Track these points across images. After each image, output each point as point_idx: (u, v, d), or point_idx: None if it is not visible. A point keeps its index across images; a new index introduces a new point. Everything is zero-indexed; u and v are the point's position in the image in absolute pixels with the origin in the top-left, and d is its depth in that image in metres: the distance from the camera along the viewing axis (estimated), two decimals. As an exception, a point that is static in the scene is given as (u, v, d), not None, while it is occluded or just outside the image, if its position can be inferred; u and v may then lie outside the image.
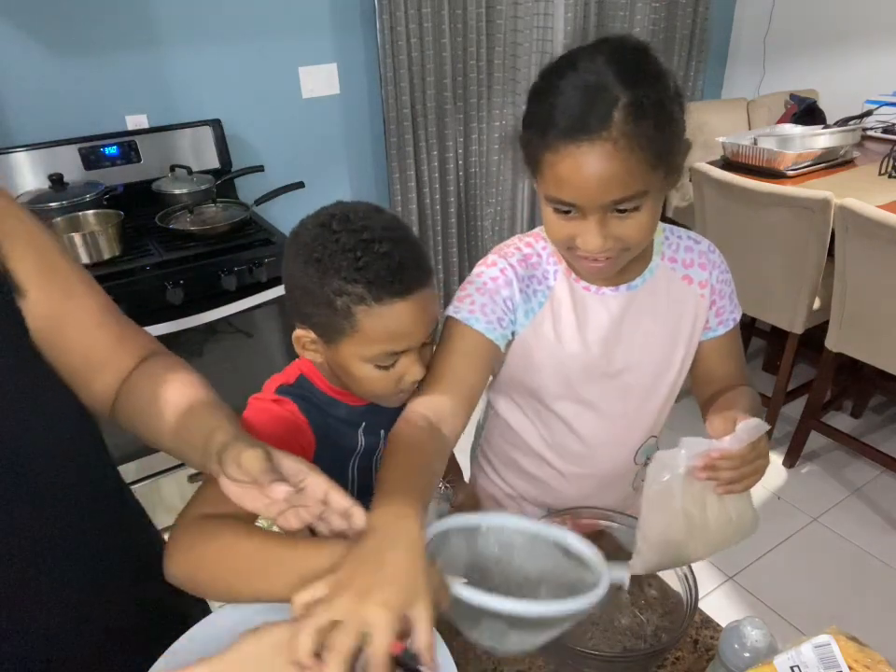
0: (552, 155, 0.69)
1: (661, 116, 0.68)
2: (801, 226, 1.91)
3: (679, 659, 0.77)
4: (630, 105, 0.66)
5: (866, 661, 0.57)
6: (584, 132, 0.66)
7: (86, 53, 1.94)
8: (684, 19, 2.91)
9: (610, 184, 0.68)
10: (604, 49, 0.69)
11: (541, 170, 0.72)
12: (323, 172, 2.48)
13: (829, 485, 2.19)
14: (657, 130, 0.67)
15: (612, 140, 0.66)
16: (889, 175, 2.21)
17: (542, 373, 0.88)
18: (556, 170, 0.69)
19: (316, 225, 0.72)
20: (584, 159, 0.67)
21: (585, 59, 0.69)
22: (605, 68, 0.67)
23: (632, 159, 0.67)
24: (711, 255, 0.89)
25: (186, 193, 1.97)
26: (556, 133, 0.68)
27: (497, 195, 2.81)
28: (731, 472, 0.68)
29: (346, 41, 2.35)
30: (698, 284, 0.88)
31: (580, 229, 0.72)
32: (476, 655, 0.77)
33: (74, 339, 0.64)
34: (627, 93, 0.66)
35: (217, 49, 2.12)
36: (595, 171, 0.67)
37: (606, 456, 0.95)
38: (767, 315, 2.19)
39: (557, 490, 0.98)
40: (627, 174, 0.67)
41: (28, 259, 0.59)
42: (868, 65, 2.81)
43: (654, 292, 0.86)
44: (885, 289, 1.81)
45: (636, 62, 0.69)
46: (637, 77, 0.67)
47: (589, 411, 0.90)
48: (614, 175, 0.67)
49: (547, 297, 0.85)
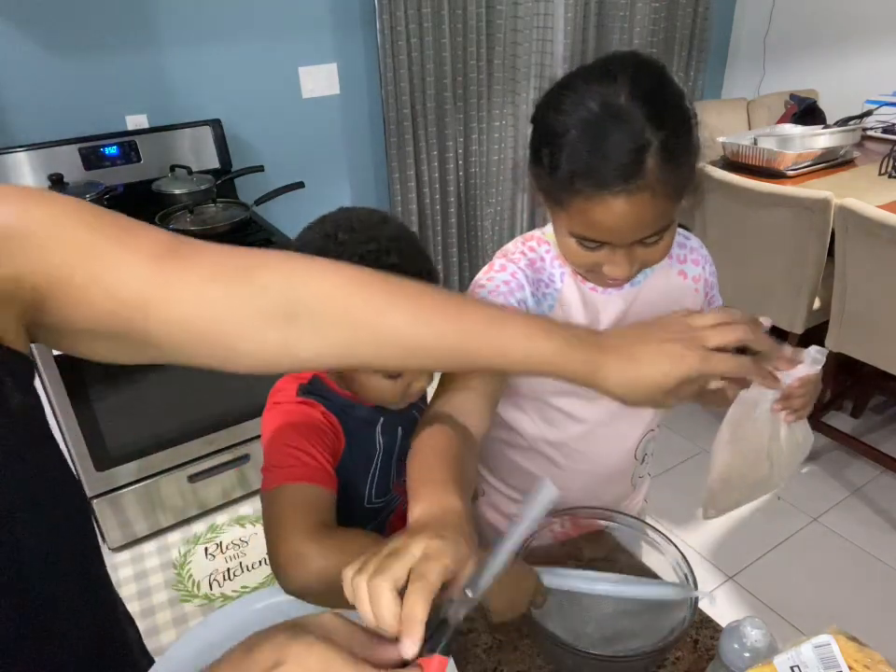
0: (581, 201, 0.68)
1: (687, 152, 0.69)
2: (801, 226, 1.91)
3: (679, 659, 0.77)
4: (661, 148, 0.65)
5: (866, 661, 0.57)
6: (618, 181, 0.65)
7: (86, 53, 1.94)
8: (684, 19, 2.91)
9: (643, 226, 0.69)
10: (624, 79, 0.66)
11: (567, 210, 0.71)
12: (323, 172, 2.48)
13: (829, 485, 2.19)
14: (684, 167, 0.68)
15: (649, 188, 0.66)
16: (889, 175, 2.21)
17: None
18: (588, 215, 0.69)
19: (321, 235, 0.72)
20: (618, 207, 0.67)
21: (604, 90, 0.66)
22: (630, 104, 0.65)
23: (664, 202, 0.68)
24: (701, 250, 0.92)
25: (186, 193, 1.97)
26: (586, 182, 0.67)
27: (496, 195, 2.81)
28: (802, 399, 0.70)
29: (346, 41, 2.35)
30: (692, 278, 0.90)
31: (606, 258, 0.73)
32: (476, 655, 0.77)
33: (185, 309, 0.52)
34: (658, 135, 0.65)
35: (217, 49, 2.13)
36: (629, 217, 0.67)
37: (606, 452, 0.95)
38: (767, 315, 2.18)
39: (557, 487, 0.98)
40: (659, 215, 0.69)
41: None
42: (868, 65, 2.81)
43: (654, 288, 0.87)
44: (885, 289, 1.81)
45: (660, 94, 0.67)
46: (663, 114, 0.66)
47: (591, 406, 0.90)
48: (648, 219, 0.69)
49: (556, 300, 0.85)
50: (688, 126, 0.69)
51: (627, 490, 1.01)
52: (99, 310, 0.49)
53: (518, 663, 0.76)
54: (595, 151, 0.66)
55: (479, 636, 0.79)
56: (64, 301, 0.48)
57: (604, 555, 0.83)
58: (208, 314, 0.51)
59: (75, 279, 0.48)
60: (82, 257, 0.48)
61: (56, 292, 0.48)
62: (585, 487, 0.97)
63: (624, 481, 1.00)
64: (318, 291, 0.53)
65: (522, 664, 0.76)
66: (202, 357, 0.53)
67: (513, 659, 0.77)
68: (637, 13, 2.76)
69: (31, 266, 0.47)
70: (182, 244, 0.52)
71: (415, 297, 0.55)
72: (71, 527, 0.55)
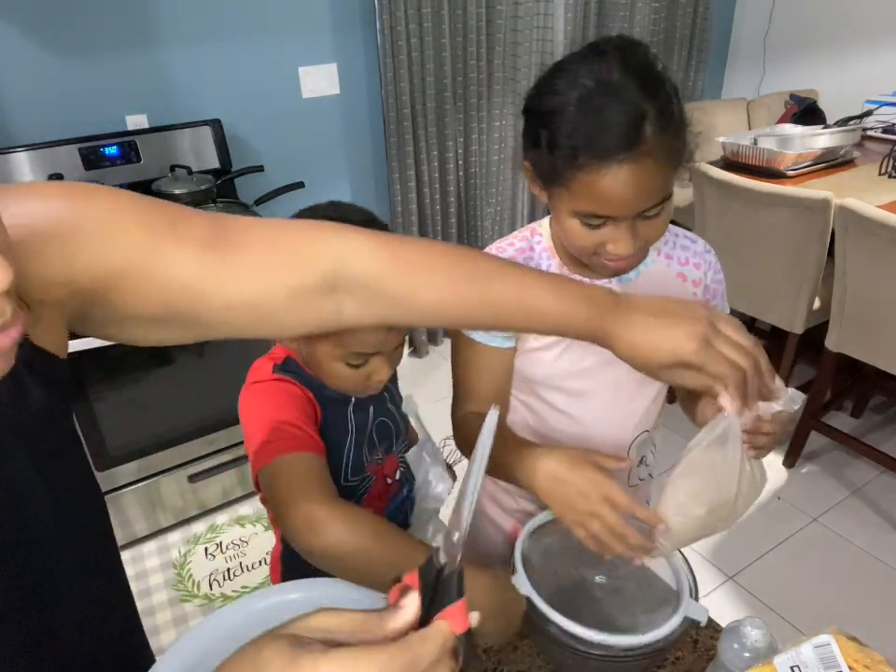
0: (586, 174, 0.69)
1: (679, 120, 0.71)
2: (801, 226, 1.91)
3: (680, 659, 0.77)
4: (657, 116, 0.67)
5: (866, 661, 0.57)
6: (624, 150, 0.67)
7: (86, 53, 1.94)
8: (684, 19, 2.91)
9: (648, 195, 0.70)
10: (614, 57, 0.69)
11: (568, 187, 0.72)
12: (323, 172, 2.48)
13: (829, 485, 2.19)
14: (679, 135, 0.70)
15: (650, 154, 0.67)
16: (889, 175, 2.21)
17: (534, 365, 0.89)
18: (593, 188, 0.70)
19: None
20: (624, 176, 0.68)
21: (597, 68, 0.68)
22: (624, 80, 0.67)
23: (664, 168, 0.69)
24: (707, 255, 0.90)
25: (186, 193, 1.97)
26: (593, 153, 0.68)
27: (497, 195, 2.81)
28: (769, 437, 0.70)
29: (346, 41, 2.35)
30: (692, 282, 0.89)
31: (610, 236, 0.74)
32: (476, 655, 0.77)
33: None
34: (652, 104, 0.67)
35: (217, 49, 2.13)
36: (634, 186, 0.68)
37: (598, 449, 0.95)
38: (767, 315, 2.19)
39: None
40: (661, 183, 0.70)
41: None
42: (868, 65, 2.81)
43: (651, 285, 0.87)
44: (885, 289, 1.81)
45: (647, 67, 0.70)
46: (654, 85, 0.69)
47: (580, 402, 0.91)
48: (651, 187, 0.70)
49: None
50: (677, 98, 0.72)
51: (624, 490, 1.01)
52: (152, 301, 0.50)
53: (518, 663, 0.76)
54: (595, 124, 0.68)
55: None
56: (118, 294, 0.49)
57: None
58: (259, 296, 0.53)
59: (130, 273, 0.49)
60: (137, 252, 0.49)
61: (111, 287, 0.48)
62: None
63: (621, 480, 1.00)
64: (362, 269, 0.56)
65: (522, 664, 0.76)
66: (249, 332, 0.56)
67: (513, 659, 0.77)
68: (637, 13, 2.76)
69: (86, 264, 0.47)
70: (231, 228, 0.54)
71: (448, 270, 0.59)
72: (92, 535, 0.56)
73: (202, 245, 0.51)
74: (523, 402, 0.95)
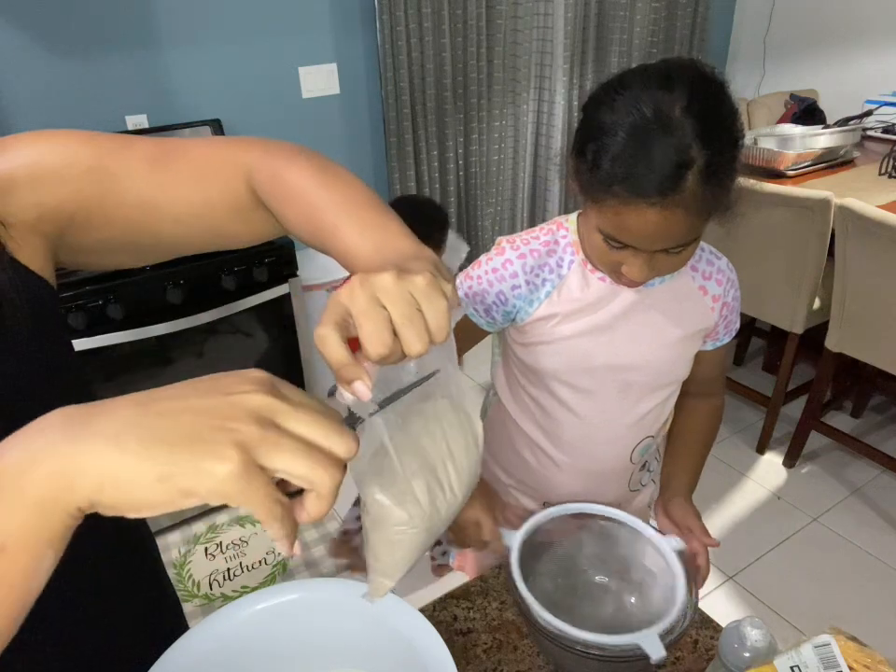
0: (616, 202, 0.69)
1: (729, 174, 0.69)
2: (801, 226, 1.91)
3: (679, 659, 0.77)
4: (704, 167, 0.65)
5: (866, 661, 0.57)
6: (657, 194, 0.66)
7: (86, 53, 1.94)
8: (684, 18, 2.91)
9: (671, 238, 0.71)
10: (681, 90, 0.65)
11: (600, 207, 0.72)
12: (323, 172, 2.47)
13: (829, 485, 2.19)
14: (723, 188, 0.69)
15: (683, 204, 0.66)
16: (890, 175, 2.21)
17: (544, 358, 0.90)
18: (619, 217, 0.70)
19: None
20: (653, 217, 0.67)
21: (659, 99, 0.65)
22: (684, 119, 0.65)
23: (696, 218, 0.69)
24: (730, 273, 0.91)
25: (186, 193, 1.97)
26: (624, 186, 0.67)
27: (497, 195, 2.81)
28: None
29: (346, 41, 2.35)
30: (711, 297, 0.90)
31: (627, 260, 0.74)
32: (476, 655, 0.77)
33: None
34: (703, 154, 0.65)
35: (216, 49, 2.13)
36: (658, 228, 0.68)
37: (602, 450, 0.95)
38: (767, 315, 2.19)
39: (554, 482, 0.99)
40: (688, 230, 0.70)
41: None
42: (868, 65, 2.80)
43: (672, 294, 0.87)
44: (885, 289, 1.81)
45: (715, 112, 0.67)
46: (714, 133, 0.66)
47: (587, 400, 0.91)
48: (677, 232, 0.70)
49: (556, 286, 0.86)
50: (735, 148, 0.69)
51: (624, 493, 1.02)
52: (116, 220, 0.55)
53: (518, 663, 0.76)
54: (639, 159, 0.66)
55: (479, 636, 0.79)
56: (87, 220, 0.55)
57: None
58: (201, 208, 0.57)
59: (93, 198, 0.54)
60: (94, 177, 0.55)
61: (82, 214, 0.54)
62: (581, 485, 0.98)
63: (621, 483, 1.00)
64: (287, 183, 0.57)
65: (522, 664, 0.76)
66: (206, 245, 0.61)
67: (513, 659, 0.77)
68: (638, 13, 2.76)
69: (51, 195, 0.53)
70: (171, 146, 0.58)
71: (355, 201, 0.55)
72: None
73: (147, 160, 0.56)
74: (532, 398, 0.95)
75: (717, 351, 0.96)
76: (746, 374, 2.73)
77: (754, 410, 2.50)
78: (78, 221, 0.55)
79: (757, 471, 2.26)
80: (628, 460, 0.97)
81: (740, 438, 2.41)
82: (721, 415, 1.02)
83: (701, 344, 0.93)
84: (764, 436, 2.33)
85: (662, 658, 0.63)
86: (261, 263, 1.85)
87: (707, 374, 0.97)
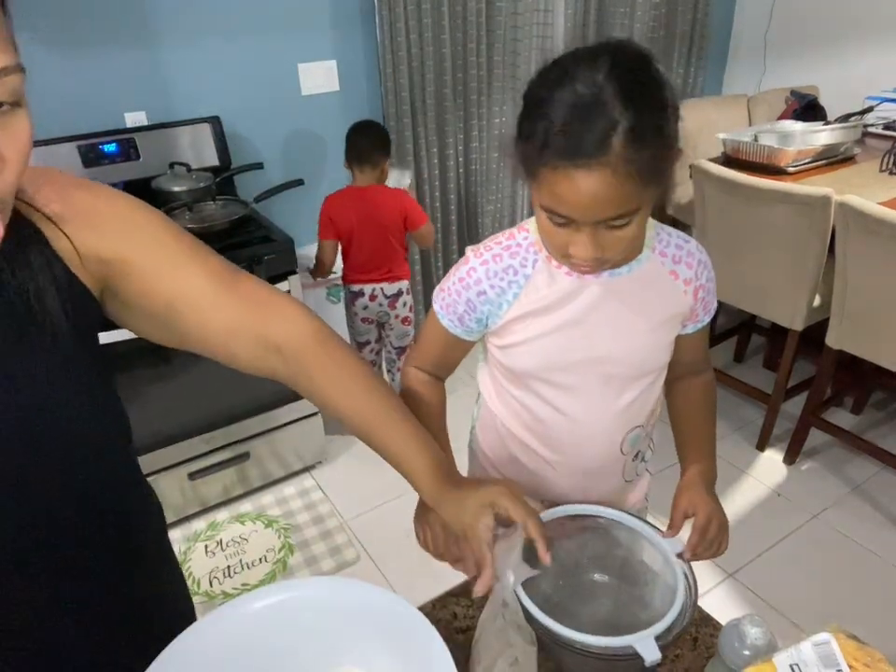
0: (549, 171, 0.69)
1: (659, 140, 0.69)
2: (801, 223, 1.91)
3: (679, 657, 0.77)
4: (630, 130, 0.65)
5: (866, 659, 0.57)
6: (582, 155, 0.66)
7: (84, 50, 1.94)
8: (684, 15, 2.91)
9: (605, 205, 0.69)
10: (605, 60, 0.67)
11: (537, 180, 0.72)
12: (322, 169, 2.48)
13: (829, 482, 2.19)
14: (654, 154, 0.68)
15: (610, 166, 0.66)
16: (890, 172, 2.20)
17: (521, 359, 0.90)
18: (553, 186, 0.70)
19: None
20: (581, 181, 0.67)
21: (585, 70, 0.67)
22: (606, 83, 0.66)
23: (628, 183, 0.68)
24: (700, 255, 0.90)
25: (185, 191, 1.96)
26: (554, 152, 0.68)
27: (497, 192, 2.80)
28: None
29: (346, 38, 2.34)
30: (683, 280, 0.89)
31: (573, 238, 0.74)
32: (476, 653, 0.77)
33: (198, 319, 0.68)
34: (627, 116, 0.65)
35: (216, 46, 2.12)
36: (590, 193, 0.68)
37: (591, 446, 0.95)
38: (768, 312, 2.19)
39: (549, 481, 0.99)
40: (622, 196, 0.69)
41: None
42: (869, 62, 2.80)
43: (642, 282, 0.87)
44: (885, 286, 1.81)
45: (637, 77, 0.68)
46: (637, 98, 0.66)
47: (569, 397, 0.91)
48: (609, 198, 0.69)
49: (522, 287, 0.86)
50: (662, 114, 0.69)
51: (619, 485, 1.01)
52: (161, 297, 0.64)
53: (518, 661, 0.76)
54: (566, 124, 0.67)
55: (479, 633, 0.79)
56: (139, 280, 0.63)
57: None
58: (231, 331, 0.68)
59: (153, 266, 0.63)
60: (164, 253, 0.64)
61: (136, 270, 0.62)
62: (576, 482, 0.98)
63: (614, 475, 1.00)
64: (295, 339, 0.71)
65: (522, 662, 0.76)
66: (215, 356, 0.70)
67: (513, 657, 0.77)
68: (638, 10, 2.75)
69: (126, 242, 0.62)
70: (235, 273, 0.70)
71: (366, 389, 0.74)
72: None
73: (212, 273, 0.67)
74: (516, 398, 0.95)
75: (698, 332, 0.96)
76: (746, 371, 2.73)
77: (754, 407, 2.50)
78: (127, 280, 0.63)
79: (757, 468, 2.27)
80: (619, 451, 0.97)
81: (740, 435, 2.41)
82: (714, 387, 1.03)
83: (680, 329, 0.93)
84: (764, 433, 2.33)
85: (656, 661, 0.63)
86: (261, 261, 1.84)
87: (693, 356, 0.98)
